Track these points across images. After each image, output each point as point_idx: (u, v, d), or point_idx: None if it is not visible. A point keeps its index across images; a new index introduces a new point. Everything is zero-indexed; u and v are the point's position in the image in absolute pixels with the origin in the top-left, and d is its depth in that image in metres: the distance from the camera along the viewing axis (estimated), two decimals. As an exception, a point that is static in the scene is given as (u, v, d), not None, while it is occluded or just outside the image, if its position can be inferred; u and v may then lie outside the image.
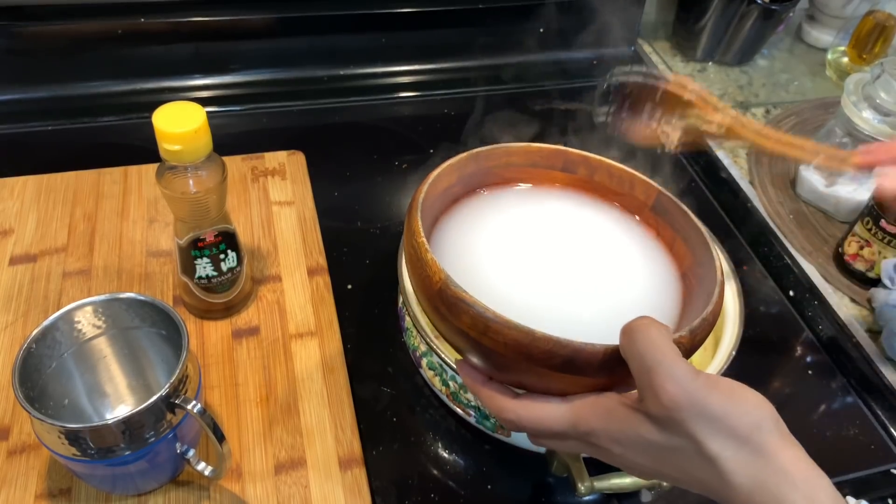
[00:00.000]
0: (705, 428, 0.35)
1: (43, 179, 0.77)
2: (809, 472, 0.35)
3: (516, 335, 0.38)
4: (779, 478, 0.35)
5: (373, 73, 0.97)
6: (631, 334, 0.37)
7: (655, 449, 0.38)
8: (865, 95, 0.79)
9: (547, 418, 0.40)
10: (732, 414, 0.35)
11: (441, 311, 0.40)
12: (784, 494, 0.34)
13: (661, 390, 0.35)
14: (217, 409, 0.60)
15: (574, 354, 0.38)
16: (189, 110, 0.54)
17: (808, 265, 0.78)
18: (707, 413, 0.35)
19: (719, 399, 0.35)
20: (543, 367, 0.38)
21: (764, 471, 0.35)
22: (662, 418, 0.36)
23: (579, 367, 0.38)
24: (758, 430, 0.35)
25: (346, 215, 0.79)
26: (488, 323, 0.38)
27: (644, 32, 1.10)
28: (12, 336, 0.63)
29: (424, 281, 0.41)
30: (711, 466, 0.36)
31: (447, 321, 0.40)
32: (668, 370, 0.36)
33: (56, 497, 0.54)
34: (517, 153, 0.53)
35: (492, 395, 0.42)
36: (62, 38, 0.85)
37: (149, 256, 0.71)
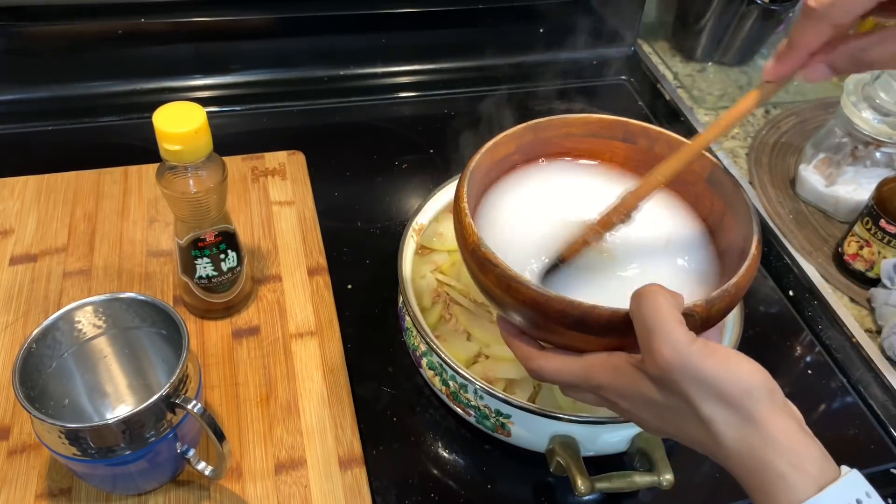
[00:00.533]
0: (698, 391, 0.37)
1: (43, 179, 0.77)
2: (798, 440, 0.36)
3: (533, 294, 0.42)
4: (766, 444, 0.36)
5: (373, 73, 0.97)
6: (639, 298, 0.39)
7: (656, 406, 0.40)
8: (865, 95, 0.79)
9: (564, 370, 0.44)
10: (725, 380, 0.37)
11: (473, 269, 0.46)
12: (770, 461, 0.36)
13: (657, 353, 0.38)
14: (217, 408, 0.60)
15: (584, 315, 0.41)
16: (189, 110, 0.54)
17: (808, 265, 0.78)
18: (700, 377, 0.37)
19: (713, 365, 0.37)
20: (558, 324, 0.42)
21: (752, 436, 0.36)
22: (659, 379, 0.38)
23: (589, 327, 0.41)
24: (749, 397, 0.37)
25: (346, 215, 0.79)
26: (510, 282, 0.43)
27: (644, 32, 1.10)
28: (12, 336, 0.63)
29: (463, 241, 0.46)
30: (705, 428, 0.38)
31: (478, 277, 0.45)
32: (667, 334, 0.37)
33: (56, 497, 0.54)
34: (576, 124, 0.55)
35: (521, 346, 0.46)
36: (62, 38, 0.85)
37: (149, 256, 0.71)
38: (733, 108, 0.46)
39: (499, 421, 0.56)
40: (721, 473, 0.60)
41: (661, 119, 0.99)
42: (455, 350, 0.60)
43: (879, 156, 0.80)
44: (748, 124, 0.97)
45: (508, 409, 0.55)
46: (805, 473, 0.36)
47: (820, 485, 0.35)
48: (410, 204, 0.81)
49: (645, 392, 0.40)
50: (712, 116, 0.98)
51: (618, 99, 1.01)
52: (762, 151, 0.92)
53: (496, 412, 0.56)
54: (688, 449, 0.40)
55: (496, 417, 0.56)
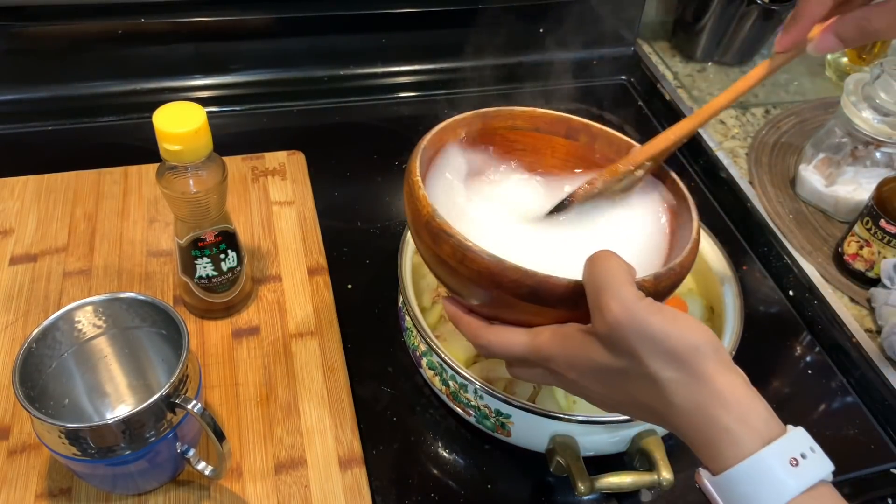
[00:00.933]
0: (646, 347, 0.37)
1: (43, 179, 0.77)
2: (744, 396, 0.37)
3: (488, 263, 0.42)
4: (713, 400, 0.36)
5: (373, 73, 0.97)
6: (591, 261, 0.40)
7: (605, 372, 0.40)
8: (865, 95, 0.79)
9: (513, 343, 0.44)
10: (672, 335, 0.37)
11: (427, 241, 0.45)
12: (717, 416, 0.36)
13: (606, 309, 0.38)
14: (217, 408, 0.60)
15: (538, 285, 0.41)
16: (189, 110, 0.54)
17: (808, 265, 0.78)
18: (648, 332, 0.37)
19: (661, 321, 0.37)
20: (512, 295, 0.42)
21: (699, 392, 0.37)
22: (607, 337, 0.39)
23: (543, 298, 0.42)
24: (695, 353, 0.37)
25: (346, 215, 0.79)
26: (465, 252, 0.42)
27: (644, 32, 1.10)
28: (12, 336, 0.63)
29: (415, 214, 0.45)
30: (653, 387, 0.38)
31: (431, 250, 0.45)
32: (616, 291, 0.38)
33: (56, 497, 0.54)
34: (521, 117, 0.56)
35: (469, 323, 0.46)
36: (62, 38, 0.85)
37: (149, 256, 0.71)
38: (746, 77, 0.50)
39: (499, 421, 0.56)
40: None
41: (660, 119, 0.99)
42: (455, 350, 0.60)
43: (879, 156, 0.80)
44: (748, 124, 0.97)
45: (508, 409, 0.55)
46: (751, 428, 0.36)
47: (766, 439, 0.36)
48: (410, 204, 0.81)
49: (594, 357, 0.40)
50: (712, 116, 0.98)
51: (618, 99, 1.01)
52: (762, 151, 0.92)
53: (496, 412, 0.56)
54: (688, 449, 0.40)
55: (496, 417, 0.56)
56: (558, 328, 0.43)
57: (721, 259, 0.65)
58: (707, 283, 0.66)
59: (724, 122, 0.97)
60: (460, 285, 0.45)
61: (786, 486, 0.35)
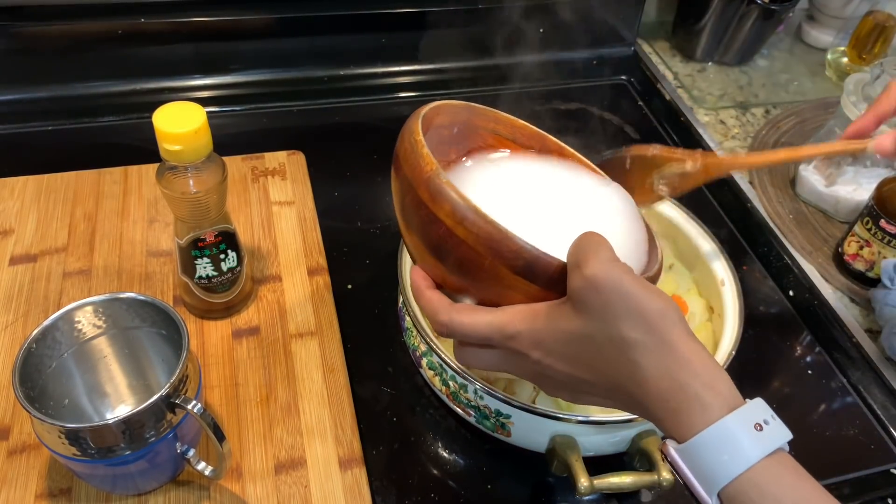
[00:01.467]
0: (619, 305, 0.38)
1: (43, 179, 0.77)
2: (709, 363, 0.38)
3: (490, 230, 0.41)
4: (681, 365, 0.37)
5: (373, 73, 0.97)
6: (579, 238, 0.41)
7: (572, 343, 0.40)
8: (865, 95, 0.79)
9: (478, 322, 0.43)
10: (643, 298, 0.38)
11: (423, 199, 0.43)
12: (686, 381, 0.37)
13: (584, 264, 0.39)
14: (217, 408, 0.60)
15: (535, 260, 0.41)
16: (189, 110, 0.54)
17: (808, 265, 0.78)
18: (622, 289, 0.38)
19: (633, 282, 0.38)
20: (506, 266, 0.41)
21: (668, 357, 0.37)
22: (582, 292, 0.39)
23: (535, 274, 0.41)
24: (663, 319, 0.38)
25: (346, 215, 0.79)
26: (467, 213, 0.41)
27: (644, 32, 1.10)
28: (12, 336, 0.63)
29: (415, 171, 0.44)
30: (621, 352, 0.38)
31: (425, 210, 0.43)
32: (596, 250, 0.39)
33: (56, 497, 0.54)
34: (504, 122, 0.56)
35: (431, 299, 0.45)
36: (62, 38, 0.85)
37: (149, 256, 0.71)
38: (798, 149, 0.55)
39: (499, 421, 0.56)
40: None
41: (661, 119, 0.99)
42: (455, 350, 0.60)
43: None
44: (748, 124, 0.97)
45: (508, 409, 0.55)
46: (718, 394, 0.37)
47: (731, 406, 0.37)
48: (410, 204, 0.81)
49: (563, 326, 0.40)
50: (712, 116, 0.98)
51: (618, 99, 1.01)
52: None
53: (496, 412, 0.56)
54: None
55: (496, 417, 0.56)
56: (528, 306, 0.42)
57: (721, 259, 0.65)
58: (707, 283, 0.66)
59: (724, 122, 0.97)
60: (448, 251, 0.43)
61: (751, 450, 0.36)
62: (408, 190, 0.44)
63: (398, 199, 0.47)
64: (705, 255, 0.66)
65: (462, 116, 0.54)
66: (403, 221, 0.47)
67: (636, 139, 0.94)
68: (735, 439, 0.36)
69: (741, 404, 0.37)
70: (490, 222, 0.41)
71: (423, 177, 0.43)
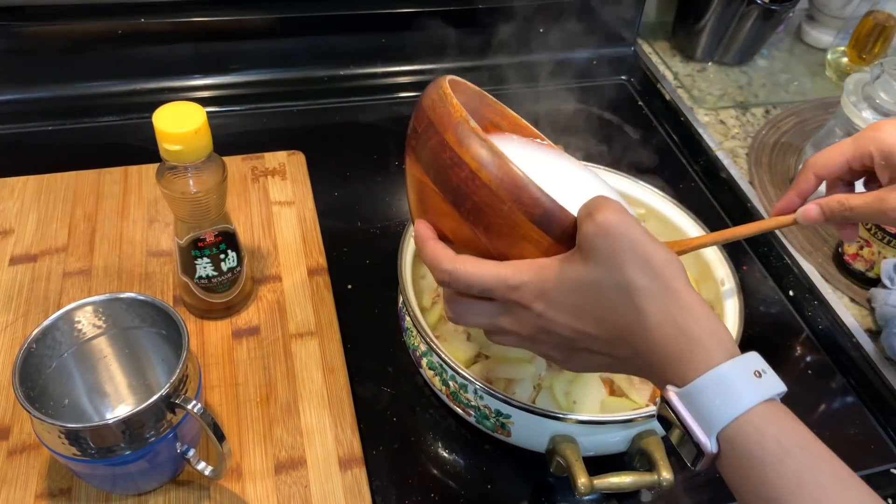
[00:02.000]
0: (627, 252, 0.39)
1: (43, 179, 0.77)
2: (710, 313, 0.40)
3: (514, 175, 0.42)
4: (685, 313, 0.39)
5: (373, 73, 0.97)
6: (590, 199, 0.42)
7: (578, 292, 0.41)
8: (865, 95, 0.79)
9: (482, 272, 0.44)
10: (650, 246, 0.40)
11: (448, 142, 0.44)
12: (689, 327, 0.38)
13: (596, 212, 0.40)
14: (217, 408, 0.60)
15: (553, 210, 0.42)
16: (189, 110, 0.54)
17: (808, 265, 0.78)
18: (632, 237, 0.40)
19: (641, 232, 0.40)
20: (523, 212, 0.42)
21: (672, 305, 0.39)
22: (592, 238, 0.40)
23: (551, 225, 0.43)
24: (669, 267, 0.40)
25: (346, 215, 0.79)
26: (493, 158, 0.43)
27: (644, 32, 1.10)
28: (12, 336, 0.63)
29: (443, 117, 0.45)
30: (628, 299, 0.39)
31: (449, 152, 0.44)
32: (606, 201, 0.41)
33: (56, 497, 0.54)
34: (509, 119, 0.57)
35: (436, 248, 0.46)
36: (62, 38, 0.85)
37: (149, 256, 0.71)
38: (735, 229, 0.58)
39: (499, 421, 0.56)
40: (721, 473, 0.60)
41: (660, 119, 0.99)
42: (455, 350, 0.60)
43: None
44: (748, 124, 0.97)
45: (508, 409, 0.55)
46: (719, 340, 0.39)
47: (731, 354, 0.38)
48: (410, 204, 0.81)
49: (570, 275, 0.41)
50: (712, 116, 0.98)
51: (618, 99, 1.01)
52: (762, 151, 0.92)
53: (496, 412, 0.56)
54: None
55: (496, 417, 0.56)
56: (535, 260, 0.43)
57: (721, 259, 0.65)
58: (707, 283, 0.66)
59: (724, 123, 0.97)
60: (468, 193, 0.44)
61: (750, 395, 0.37)
62: (432, 135, 0.46)
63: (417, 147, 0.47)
64: (705, 255, 0.66)
65: (473, 102, 0.55)
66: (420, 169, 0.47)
67: (636, 139, 0.94)
68: (736, 383, 0.37)
69: (739, 354, 0.39)
70: (514, 169, 0.42)
71: (452, 122, 0.44)
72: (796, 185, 0.56)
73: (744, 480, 0.37)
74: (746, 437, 0.36)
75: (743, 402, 0.37)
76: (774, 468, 0.36)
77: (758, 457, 0.36)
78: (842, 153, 0.54)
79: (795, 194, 0.56)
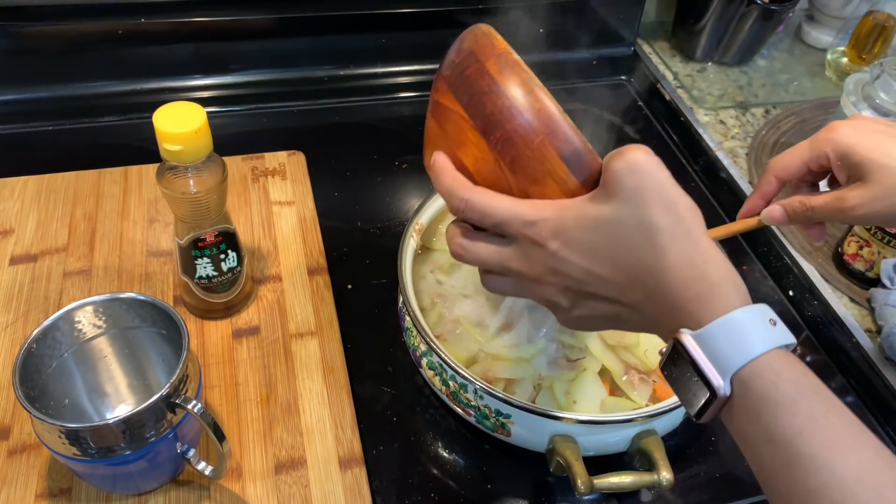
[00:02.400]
0: (654, 191, 0.40)
1: (43, 179, 0.77)
2: (727, 261, 0.40)
3: (551, 110, 0.43)
4: (704, 257, 0.39)
5: (373, 73, 0.97)
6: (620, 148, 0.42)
7: (599, 230, 0.41)
8: (865, 95, 0.79)
9: (499, 204, 0.43)
10: (676, 190, 0.40)
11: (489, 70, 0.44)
12: (708, 270, 0.39)
13: (626, 150, 0.40)
14: (217, 408, 0.60)
15: (583, 151, 0.42)
16: (189, 110, 0.54)
17: (808, 265, 0.78)
18: (659, 177, 0.40)
19: (668, 176, 0.41)
20: (554, 147, 0.42)
21: (693, 248, 0.39)
22: (620, 174, 0.40)
23: (579, 165, 0.42)
24: (692, 213, 0.40)
25: (346, 215, 0.79)
26: (534, 87, 0.43)
27: (644, 32, 1.10)
28: (13, 336, 0.63)
29: (486, 47, 0.45)
30: (649, 238, 0.39)
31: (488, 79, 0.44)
32: (636, 147, 0.41)
33: (56, 497, 0.54)
34: None
35: (455, 177, 0.45)
36: (62, 38, 0.85)
37: (149, 256, 0.71)
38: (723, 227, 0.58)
39: (499, 421, 0.56)
40: (721, 473, 0.61)
41: (660, 119, 0.99)
42: (455, 350, 0.60)
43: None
44: (748, 124, 0.97)
45: (508, 409, 0.55)
46: (736, 286, 0.39)
47: (746, 300, 0.39)
48: (410, 204, 0.81)
49: (591, 213, 0.41)
50: (712, 116, 0.98)
51: (618, 99, 1.01)
52: (762, 151, 0.92)
53: (496, 412, 0.56)
54: (688, 449, 0.40)
55: (496, 417, 0.56)
56: (554, 200, 0.43)
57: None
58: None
59: (724, 123, 0.97)
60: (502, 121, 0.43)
61: (766, 339, 0.37)
62: (471, 62, 0.45)
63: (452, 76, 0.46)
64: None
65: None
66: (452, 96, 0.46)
67: (636, 139, 0.94)
68: (753, 327, 0.37)
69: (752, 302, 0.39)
70: (552, 104, 0.42)
71: (495, 51, 0.45)
72: (759, 188, 0.57)
73: (755, 424, 0.36)
74: (762, 378, 0.36)
75: (759, 346, 0.37)
76: (789, 410, 0.35)
77: (772, 398, 0.36)
78: (799, 155, 0.55)
79: (759, 196, 0.57)
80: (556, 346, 0.61)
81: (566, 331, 0.62)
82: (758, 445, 0.37)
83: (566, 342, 0.62)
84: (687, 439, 0.62)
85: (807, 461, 0.34)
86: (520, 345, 0.61)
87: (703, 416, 0.39)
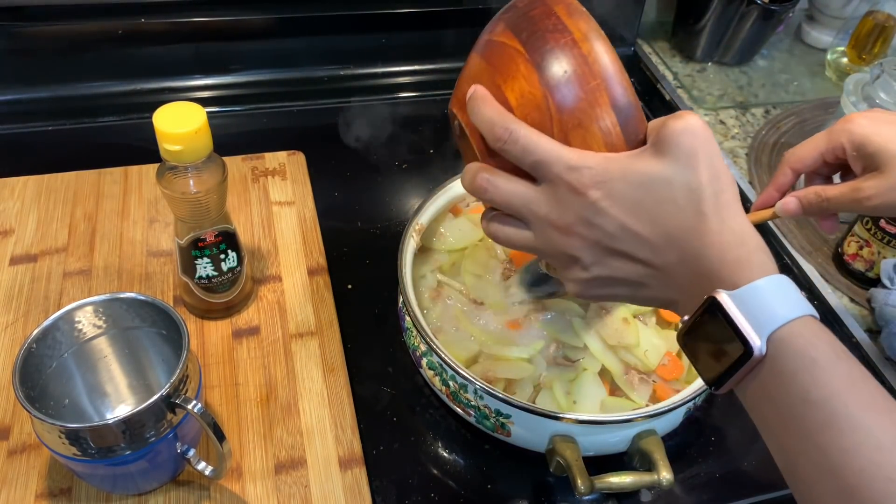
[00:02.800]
0: (707, 157, 0.40)
1: (43, 179, 0.77)
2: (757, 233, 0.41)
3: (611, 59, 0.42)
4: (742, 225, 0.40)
5: (373, 74, 0.97)
6: None
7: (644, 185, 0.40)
8: (865, 96, 0.79)
9: (544, 141, 0.41)
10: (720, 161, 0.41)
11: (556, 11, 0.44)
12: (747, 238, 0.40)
13: (686, 114, 0.41)
14: (217, 408, 0.60)
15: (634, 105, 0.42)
16: (189, 110, 0.54)
17: (808, 265, 0.78)
18: (713, 145, 0.41)
19: (717, 146, 0.41)
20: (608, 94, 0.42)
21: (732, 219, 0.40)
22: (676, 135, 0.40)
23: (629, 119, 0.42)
24: (732, 186, 0.41)
25: (346, 215, 0.79)
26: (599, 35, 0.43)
27: (644, 32, 1.10)
28: (13, 336, 0.63)
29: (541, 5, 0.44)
30: (693, 201, 0.40)
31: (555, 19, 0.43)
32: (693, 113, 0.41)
33: (56, 497, 0.54)
34: None
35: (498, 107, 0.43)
36: (62, 38, 0.85)
37: (149, 256, 0.71)
38: None
39: (499, 421, 0.56)
40: (721, 473, 0.61)
41: (660, 119, 0.99)
42: (455, 350, 0.60)
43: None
44: (748, 124, 0.97)
45: (508, 409, 0.55)
46: (769, 256, 0.40)
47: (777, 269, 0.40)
48: (410, 204, 0.81)
49: (639, 168, 0.40)
50: (712, 116, 0.98)
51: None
52: (762, 151, 0.92)
53: (496, 412, 0.56)
54: (688, 449, 0.40)
55: (496, 417, 0.56)
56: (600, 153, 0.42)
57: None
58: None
59: (724, 123, 0.97)
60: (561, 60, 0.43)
61: (798, 304, 0.38)
62: (537, 5, 0.44)
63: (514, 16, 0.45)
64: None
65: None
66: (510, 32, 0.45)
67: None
68: (790, 291, 0.38)
69: None
70: (613, 55, 0.42)
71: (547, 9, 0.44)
72: (774, 180, 0.58)
73: (790, 384, 0.37)
74: (801, 338, 0.37)
75: (796, 309, 0.38)
76: (828, 368, 0.36)
77: (811, 357, 0.36)
78: (816, 146, 0.56)
79: (774, 189, 0.58)
80: (555, 345, 0.61)
81: (566, 331, 0.62)
82: (792, 406, 0.37)
83: (566, 342, 0.62)
84: (687, 439, 0.62)
85: (843, 421, 0.35)
86: (520, 345, 0.61)
87: (726, 383, 0.39)
